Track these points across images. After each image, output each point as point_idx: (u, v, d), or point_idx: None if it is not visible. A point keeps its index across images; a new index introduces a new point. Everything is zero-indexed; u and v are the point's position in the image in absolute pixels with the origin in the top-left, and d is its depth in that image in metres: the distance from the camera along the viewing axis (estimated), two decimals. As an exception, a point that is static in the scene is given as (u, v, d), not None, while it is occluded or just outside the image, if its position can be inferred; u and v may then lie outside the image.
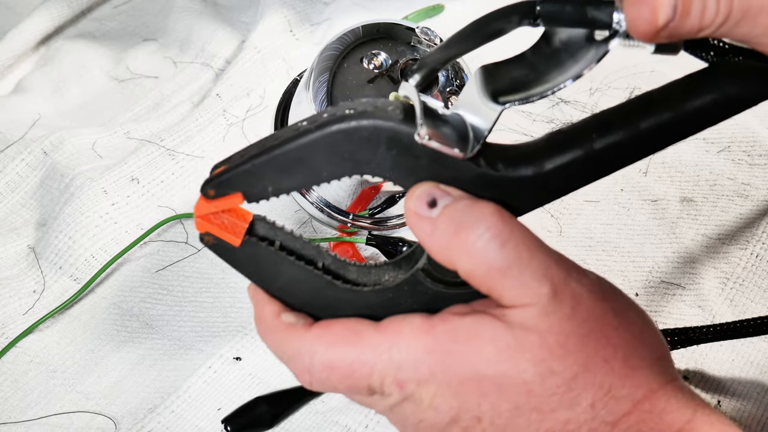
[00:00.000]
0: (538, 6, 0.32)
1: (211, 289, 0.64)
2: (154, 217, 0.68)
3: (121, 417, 0.57)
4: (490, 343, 0.33)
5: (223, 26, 0.84)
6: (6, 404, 0.58)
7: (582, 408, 0.33)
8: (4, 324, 0.62)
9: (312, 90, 0.57)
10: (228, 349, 0.59)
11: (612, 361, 0.33)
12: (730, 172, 0.67)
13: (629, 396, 0.33)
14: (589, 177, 0.35)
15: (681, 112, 0.34)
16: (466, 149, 0.34)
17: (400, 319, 0.35)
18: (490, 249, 0.33)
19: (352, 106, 0.34)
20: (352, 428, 0.55)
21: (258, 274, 0.37)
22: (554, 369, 0.32)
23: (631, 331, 0.34)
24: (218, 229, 0.36)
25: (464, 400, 0.34)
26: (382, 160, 0.34)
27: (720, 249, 0.63)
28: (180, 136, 0.73)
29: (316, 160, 0.34)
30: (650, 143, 0.34)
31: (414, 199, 0.34)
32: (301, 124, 0.34)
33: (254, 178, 0.35)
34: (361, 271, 0.38)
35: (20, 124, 0.76)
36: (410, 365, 0.34)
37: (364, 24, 0.59)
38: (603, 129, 0.34)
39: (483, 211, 0.33)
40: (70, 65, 0.83)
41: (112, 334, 0.61)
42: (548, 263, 0.33)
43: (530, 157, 0.35)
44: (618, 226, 0.66)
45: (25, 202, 0.71)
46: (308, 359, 0.35)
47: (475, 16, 0.34)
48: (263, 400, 0.56)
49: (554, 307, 0.33)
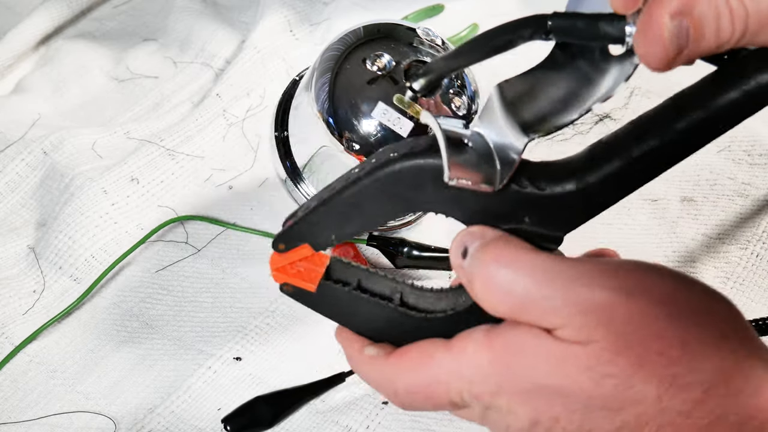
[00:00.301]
0: (550, 21, 0.32)
1: (211, 289, 0.64)
2: (154, 217, 0.68)
3: (121, 417, 0.57)
4: (538, 356, 0.34)
5: (223, 26, 0.84)
6: (6, 404, 0.58)
7: (649, 402, 0.32)
8: (4, 324, 0.62)
9: (313, 90, 0.57)
10: (228, 349, 0.60)
11: (668, 351, 0.32)
12: (730, 171, 0.67)
13: (698, 382, 0.32)
14: (631, 186, 0.35)
15: (714, 108, 0.33)
16: (495, 181, 0.34)
17: (466, 335, 0.37)
18: (501, 293, 0.34)
19: (396, 148, 0.35)
20: (353, 428, 0.55)
21: (337, 314, 0.40)
22: (606, 373, 0.32)
23: (686, 313, 0.33)
24: (294, 278, 0.39)
25: (536, 406, 0.34)
26: (432, 197, 0.35)
27: (720, 249, 0.63)
28: (180, 136, 0.73)
29: (371, 205, 0.36)
30: (688, 144, 0.34)
31: (452, 251, 0.36)
32: (353, 171, 0.36)
33: (317, 229, 0.37)
34: (437, 295, 0.39)
35: (20, 124, 0.76)
36: (479, 380, 0.35)
37: (366, 24, 0.59)
38: (640, 136, 0.34)
39: (487, 257, 0.34)
40: (70, 65, 0.83)
41: (112, 334, 0.61)
42: (565, 286, 0.33)
43: (572, 172, 0.35)
44: (618, 226, 0.66)
45: (25, 202, 0.71)
46: (392, 387, 0.38)
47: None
48: (263, 400, 0.56)
49: (585, 321, 0.32)
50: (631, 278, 0.33)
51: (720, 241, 0.63)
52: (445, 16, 0.84)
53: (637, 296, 0.33)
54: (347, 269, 0.39)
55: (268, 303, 0.62)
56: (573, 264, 0.34)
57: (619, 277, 0.33)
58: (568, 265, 0.34)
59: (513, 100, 0.35)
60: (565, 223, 0.36)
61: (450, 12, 0.84)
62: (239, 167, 0.72)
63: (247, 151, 0.74)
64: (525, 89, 0.35)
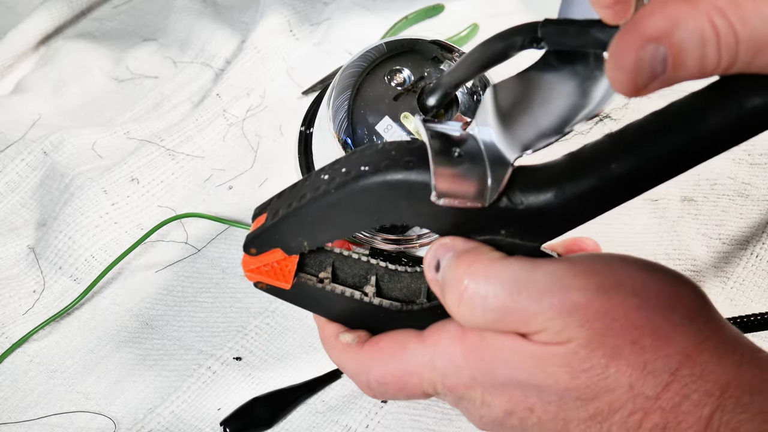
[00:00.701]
0: (540, 28, 0.31)
1: (211, 289, 0.64)
2: (154, 217, 0.68)
3: (121, 417, 0.57)
4: (514, 353, 0.34)
5: (223, 26, 0.84)
6: (6, 404, 0.58)
7: (622, 390, 0.33)
8: (4, 324, 0.62)
9: (331, 109, 0.55)
10: (228, 349, 0.59)
11: (640, 340, 0.32)
12: (730, 171, 0.67)
13: (665, 366, 0.32)
14: (612, 202, 0.34)
15: (703, 132, 0.31)
16: (485, 197, 0.33)
17: (440, 327, 0.37)
18: (474, 307, 0.34)
19: (368, 159, 0.34)
20: (353, 428, 0.55)
21: (314, 307, 0.40)
22: (583, 367, 0.33)
23: (655, 301, 0.33)
24: (267, 277, 0.38)
25: (511, 397, 0.35)
26: (405, 210, 0.34)
27: (720, 249, 0.63)
28: (180, 136, 0.73)
29: (342, 216, 0.35)
30: (673, 166, 0.32)
31: (426, 264, 0.36)
32: (323, 177, 0.35)
33: (288, 236, 0.36)
34: (413, 276, 0.39)
35: (20, 124, 0.76)
36: (453, 372, 0.36)
37: (388, 41, 0.57)
38: (621, 154, 0.32)
39: (458, 270, 0.34)
40: (70, 65, 0.84)
41: (112, 334, 0.61)
42: (540, 291, 0.33)
43: (550, 181, 0.33)
44: (618, 226, 0.66)
45: (25, 202, 0.71)
46: (365, 376, 0.38)
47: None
48: (260, 401, 0.56)
49: (563, 324, 0.33)
50: (602, 275, 0.34)
51: (720, 241, 0.63)
52: (445, 16, 0.84)
53: (610, 292, 0.33)
54: (320, 254, 0.39)
55: (268, 303, 0.62)
56: (545, 269, 0.34)
57: (590, 275, 0.33)
58: (541, 272, 0.33)
59: (507, 107, 0.34)
60: (541, 236, 0.35)
61: (450, 12, 0.84)
62: (239, 167, 0.72)
63: (247, 151, 0.74)
64: (519, 94, 0.34)
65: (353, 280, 0.40)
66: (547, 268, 0.34)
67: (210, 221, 0.67)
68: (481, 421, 0.37)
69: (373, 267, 0.39)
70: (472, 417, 0.37)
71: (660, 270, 0.35)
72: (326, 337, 0.40)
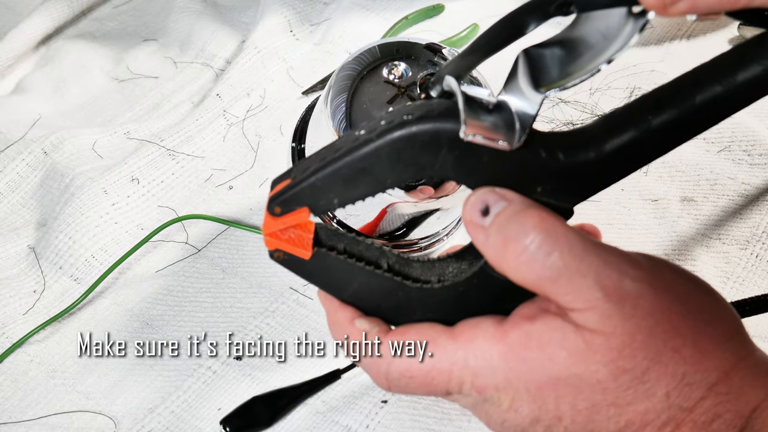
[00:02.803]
0: None
1: (211, 289, 0.64)
2: (154, 217, 0.68)
3: (121, 417, 0.57)
4: (561, 348, 0.33)
5: (223, 26, 0.84)
6: (6, 404, 0.58)
7: (658, 398, 0.32)
8: (4, 324, 0.62)
9: (330, 109, 0.56)
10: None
11: (682, 349, 0.32)
12: (730, 171, 0.67)
13: (703, 380, 0.32)
14: (648, 156, 0.34)
15: (732, 84, 0.32)
16: (513, 140, 0.33)
17: (473, 325, 0.36)
18: (536, 261, 0.33)
19: (410, 110, 0.34)
20: (353, 428, 0.55)
21: (330, 284, 0.38)
22: (625, 366, 0.32)
23: (699, 314, 0.33)
24: (287, 245, 0.36)
25: (543, 403, 0.34)
26: (445, 161, 0.34)
27: (720, 249, 0.63)
28: (180, 136, 0.73)
29: (380, 169, 0.34)
30: (707, 117, 0.34)
31: (469, 207, 0.34)
32: (359, 133, 0.34)
33: (319, 192, 0.35)
34: (424, 266, 0.38)
35: (20, 124, 0.76)
36: (486, 372, 0.34)
37: (381, 43, 0.57)
38: (658, 106, 0.33)
39: (527, 222, 0.33)
40: (70, 65, 0.84)
41: (112, 334, 0.61)
42: (599, 267, 0.32)
43: (588, 141, 0.34)
44: (619, 226, 0.66)
45: (25, 202, 0.71)
46: (384, 367, 0.36)
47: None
48: (260, 400, 0.56)
49: (613, 309, 0.32)
50: (654, 274, 0.33)
51: (720, 241, 0.63)
52: (445, 16, 0.84)
53: (660, 292, 0.33)
54: (335, 235, 0.38)
55: (268, 303, 0.62)
56: (604, 248, 0.33)
57: (644, 270, 0.33)
58: (601, 248, 0.33)
59: (532, 58, 0.34)
60: (577, 194, 0.35)
61: (450, 12, 0.84)
62: (239, 167, 0.72)
63: (247, 151, 0.74)
64: (544, 52, 0.34)
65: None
66: (606, 248, 0.33)
67: (210, 222, 0.67)
68: (503, 425, 0.36)
69: (385, 253, 0.38)
70: (492, 420, 0.36)
71: (703, 285, 0.35)
72: (338, 321, 0.38)
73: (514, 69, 0.35)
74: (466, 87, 0.34)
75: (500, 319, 0.35)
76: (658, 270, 0.34)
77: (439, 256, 0.38)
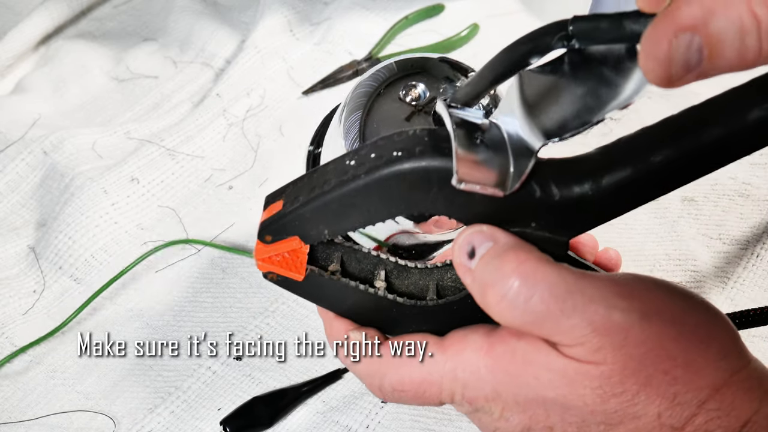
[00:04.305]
0: (571, 25, 0.30)
1: (211, 289, 0.64)
2: (154, 217, 0.68)
3: (121, 417, 0.57)
4: (546, 370, 0.33)
5: (223, 26, 0.84)
6: (6, 404, 0.58)
7: (648, 418, 0.32)
8: (4, 324, 0.62)
9: (343, 127, 0.55)
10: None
11: (673, 371, 0.32)
12: (731, 171, 0.67)
13: (694, 399, 0.32)
14: (648, 195, 0.33)
15: (743, 124, 0.30)
16: (507, 184, 0.32)
17: (462, 336, 0.36)
18: (515, 307, 0.32)
19: (401, 144, 0.33)
20: (353, 428, 0.55)
21: (325, 301, 0.38)
22: (614, 391, 0.32)
23: (693, 333, 0.33)
24: (280, 268, 0.37)
25: (532, 414, 0.34)
26: (436, 199, 0.33)
27: (721, 248, 0.63)
28: (180, 136, 0.73)
29: (369, 204, 0.34)
30: (713, 158, 0.32)
31: (457, 248, 0.34)
32: (348, 163, 0.34)
33: (309, 223, 0.35)
34: (422, 272, 0.38)
35: (20, 124, 0.76)
36: (475, 384, 0.35)
37: (398, 60, 0.56)
38: (661, 144, 0.32)
39: (506, 267, 0.33)
40: (70, 65, 0.83)
41: (112, 334, 0.61)
42: (584, 305, 0.32)
43: (586, 174, 0.33)
44: (619, 226, 0.66)
45: (25, 202, 0.71)
46: (378, 380, 0.37)
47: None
48: (260, 400, 0.56)
49: (603, 342, 0.32)
50: (644, 300, 0.33)
51: (720, 241, 0.63)
52: (445, 16, 0.84)
53: (651, 318, 0.33)
54: (329, 246, 0.38)
55: (268, 303, 0.62)
56: (590, 281, 0.33)
57: (634, 298, 0.33)
58: (586, 282, 0.33)
59: (533, 95, 0.33)
60: (573, 229, 0.34)
61: (450, 12, 0.84)
62: (239, 167, 0.72)
63: (247, 151, 0.74)
64: (545, 83, 0.33)
65: (362, 273, 0.39)
66: (594, 282, 0.33)
67: (210, 222, 0.67)
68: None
69: (382, 261, 0.38)
70: (485, 428, 0.36)
71: (698, 302, 0.35)
72: (334, 334, 0.38)
73: (510, 95, 0.34)
74: (459, 111, 0.33)
75: (490, 330, 0.35)
76: (649, 293, 0.34)
77: (437, 264, 0.38)
